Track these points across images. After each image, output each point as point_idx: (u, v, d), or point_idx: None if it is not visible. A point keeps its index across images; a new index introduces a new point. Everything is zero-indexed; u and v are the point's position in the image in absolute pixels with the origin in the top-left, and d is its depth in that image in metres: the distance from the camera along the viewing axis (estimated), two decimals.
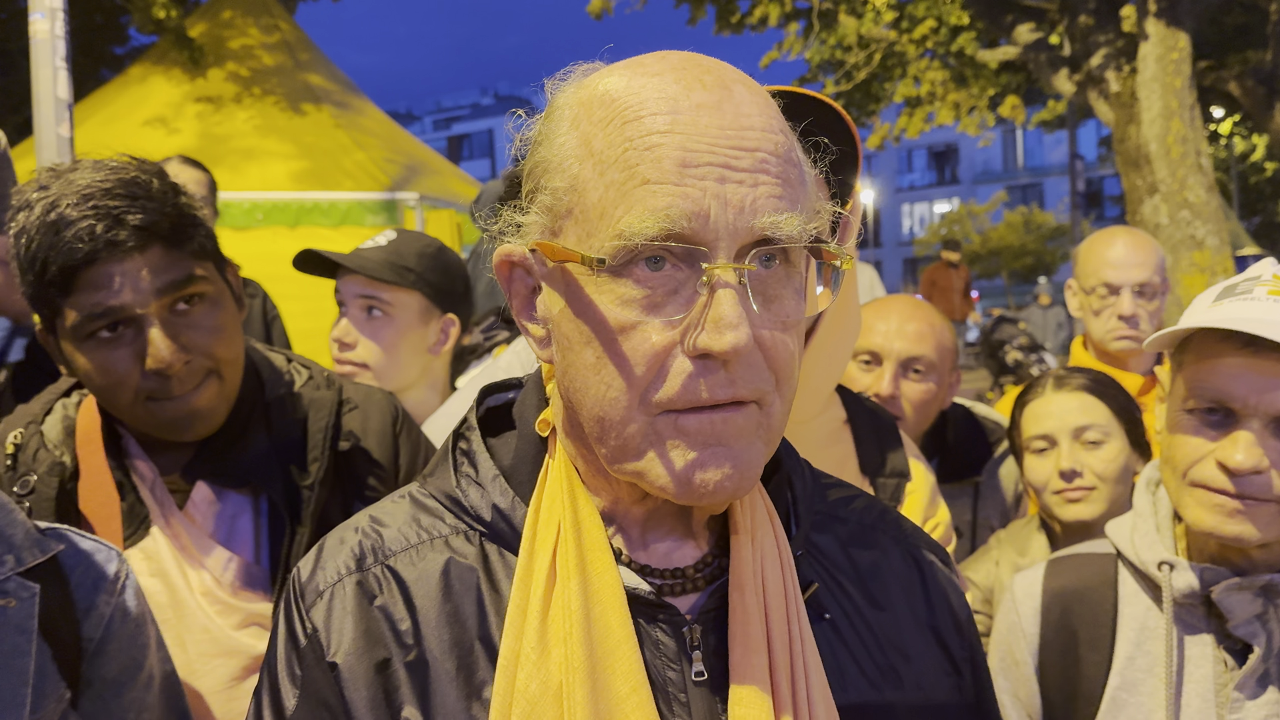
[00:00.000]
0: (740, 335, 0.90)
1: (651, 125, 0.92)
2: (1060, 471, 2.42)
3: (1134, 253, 3.09)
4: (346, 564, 1.07)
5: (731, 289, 0.91)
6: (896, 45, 12.74)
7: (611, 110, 0.95)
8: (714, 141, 0.92)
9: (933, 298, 15.97)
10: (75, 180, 1.57)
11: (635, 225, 0.91)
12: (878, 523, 1.22)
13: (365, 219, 8.09)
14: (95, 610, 1.44)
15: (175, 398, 1.63)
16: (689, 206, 0.90)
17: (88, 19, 15.74)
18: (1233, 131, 25.88)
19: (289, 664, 1.05)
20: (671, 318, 0.93)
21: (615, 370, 0.94)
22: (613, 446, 0.98)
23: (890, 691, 1.09)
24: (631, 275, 0.93)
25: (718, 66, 0.97)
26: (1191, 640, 1.65)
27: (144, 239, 1.58)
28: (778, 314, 0.96)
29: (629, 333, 0.93)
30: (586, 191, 0.95)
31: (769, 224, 0.92)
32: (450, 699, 1.00)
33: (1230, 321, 1.51)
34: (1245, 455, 1.52)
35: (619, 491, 1.05)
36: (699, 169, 0.91)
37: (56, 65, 4.96)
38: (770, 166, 0.93)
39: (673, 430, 0.94)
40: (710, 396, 0.93)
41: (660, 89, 0.94)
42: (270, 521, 1.75)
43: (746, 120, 0.94)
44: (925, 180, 65.76)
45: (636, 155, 0.92)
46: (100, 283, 1.56)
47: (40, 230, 1.55)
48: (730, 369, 0.93)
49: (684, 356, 0.93)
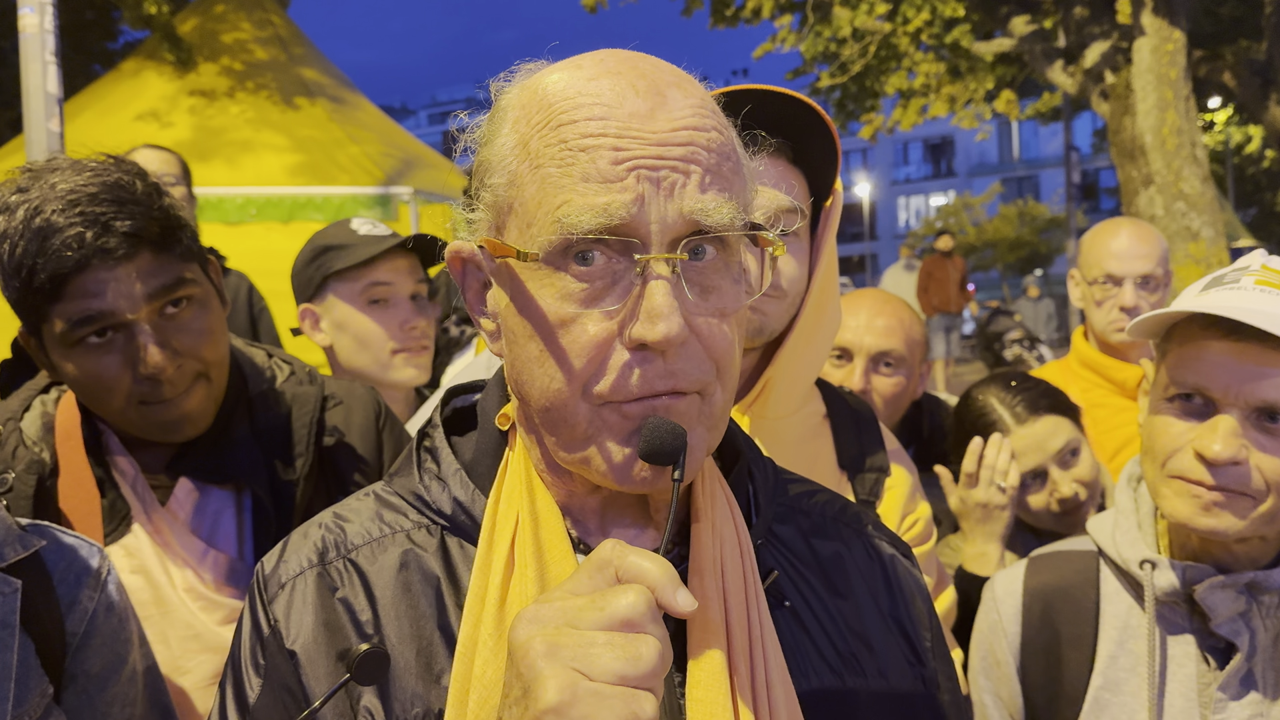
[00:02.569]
0: (672, 325, 0.92)
1: (585, 129, 0.95)
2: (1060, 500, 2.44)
3: (1138, 244, 3.08)
4: (309, 558, 1.09)
5: (664, 279, 0.94)
6: (891, 38, 12.72)
7: (548, 114, 0.98)
8: (646, 141, 0.95)
9: (929, 290, 15.97)
10: (57, 184, 1.55)
11: (573, 219, 0.93)
12: (839, 516, 1.24)
13: (360, 213, 8.06)
14: (78, 605, 1.44)
15: (166, 401, 1.63)
16: (624, 199, 0.93)
17: (78, 14, 15.69)
18: (1228, 123, 25.89)
19: (253, 654, 1.08)
20: (608, 309, 0.95)
21: (556, 363, 0.97)
22: (560, 437, 1.00)
23: (852, 678, 1.10)
24: (568, 269, 0.96)
25: (653, 70, 0.99)
26: (1174, 639, 1.64)
27: (133, 245, 1.57)
28: (715, 303, 0.98)
29: (568, 325, 0.96)
30: (524, 187, 0.98)
31: (698, 211, 0.94)
32: (409, 686, 1.02)
33: (1215, 308, 1.50)
34: (1223, 445, 1.51)
35: (574, 482, 1.06)
36: (631, 166, 0.94)
37: (46, 60, 4.93)
38: (701, 160, 0.96)
39: (616, 418, 0.97)
40: (650, 388, 0.95)
41: (595, 93, 0.97)
42: (254, 517, 1.75)
43: (679, 121, 0.96)
44: (921, 173, 65.77)
45: (571, 155, 0.95)
46: (90, 290, 1.56)
47: (25, 236, 1.53)
48: (668, 359, 0.95)
49: (623, 348, 0.95)
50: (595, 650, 0.79)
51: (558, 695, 0.77)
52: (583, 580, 0.85)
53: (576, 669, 0.78)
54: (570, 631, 0.80)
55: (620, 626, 0.80)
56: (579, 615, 0.81)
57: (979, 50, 12.49)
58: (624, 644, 0.80)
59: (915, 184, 65.43)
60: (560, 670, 0.78)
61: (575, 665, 0.79)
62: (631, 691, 0.79)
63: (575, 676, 0.78)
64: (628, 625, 0.80)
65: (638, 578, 0.83)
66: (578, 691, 0.77)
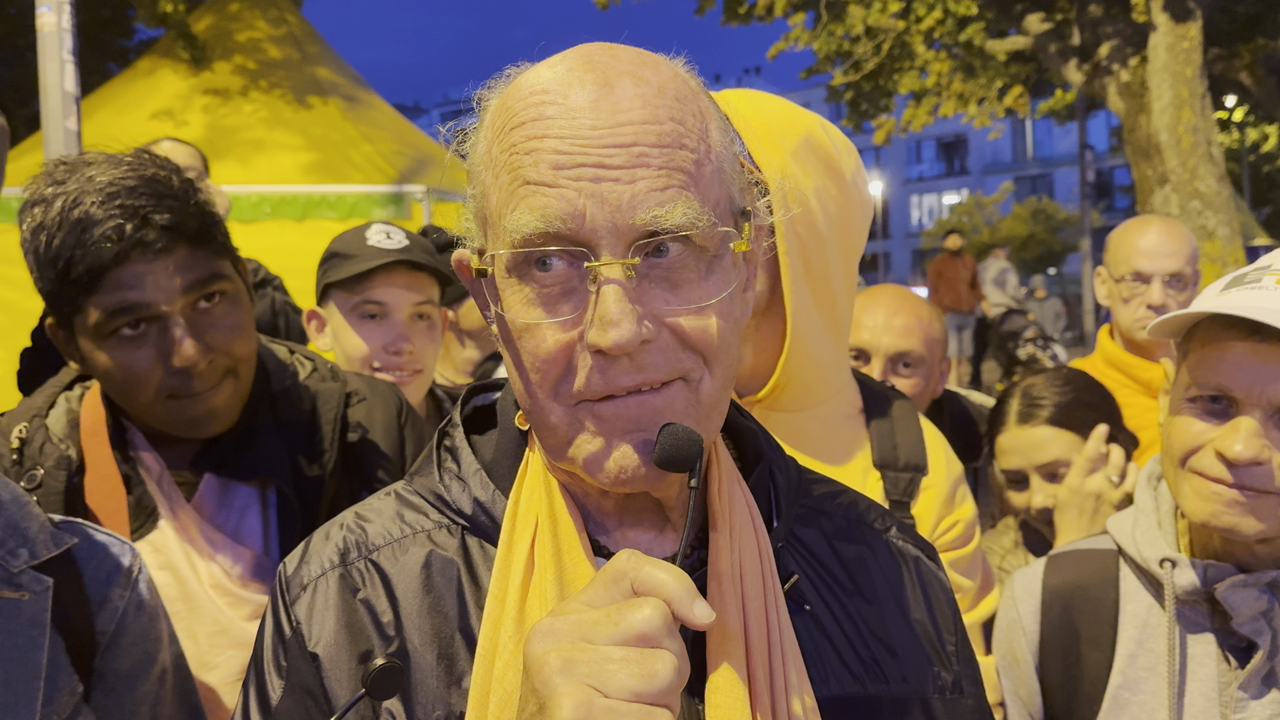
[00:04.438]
0: (624, 331, 0.91)
1: (531, 130, 0.94)
2: (1036, 509, 2.41)
3: (1167, 242, 3.05)
4: (330, 559, 1.09)
5: (615, 284, 0.92)
6: (905, 36, 12.69)
7: (504, 118, 0.98)
8: (587, 142, 0.93)
9: (940, 289, 15.94)
10: (95, 177, 1.57)
11: (515, 222, 0.94)
12: (863, 518, 1.22)
13: (373, 212, 8.08)
14: (109, 604, 1.44)
15: (195, 395, 1.64)
16: (564, 207, 0.92)
17: (95, 13, 15.76)
18: (1244, 121, 25.72)
19: (275, 656, 1.07)
20: (566, 317, 0.95)
21: (527, 368, 0.98)
22: (545, 441, 1.01)
23: (873, 684, 1.09)
24: (531, 277, 0.96)
25: (608, 62, 0.97)
26: (1194, 638, 1.64)
27: (171, 239, 1.58)
28: (687, 298, 0.96)
29: (532, 332, 0.96)
30: (490, 197, 0.99)
31: (651, 218, 0.92)
32: (430, 689, 1.02)
33: (1237, 309, 1.49)
34: (1245, 445, 1.50)
35: (586, 484, 1.05)
36: (573, 170, 0.92)
37: (64, 58, 4.96)
38: (651, 159, 0.93)
39: (591, 417, 0.96)
40: (616, 384, 0.94)
41: (542, 92, 0.96)
42: (279, 513, 1.76)
43: (624, 116, 0.94)
44: (934, 171, 65.55)
45: (519, 159, 0.95)
46: (127, 282, 1.57)
47: (63, 228, 1.54)
48: (634, 358, 0.94)
49: (587, 352, 0.95)
50: (611, 666, 0.78)
51: (573, 712, 0.76)
52: (599, 592, 0.84)
53: (592, 685, 0.77)
54: (585, 647, 0.79)
55: (636, 641, 0.79)
56: (594, 630, 0.80)
57: (992, 48, 12.44)
58: (640, 660, 0.78)
59: (928, 182, 65.21)
60: (575, 687, 0.77)
61: (590, 682, 0.78)
62: (647, 709, 0.78)
63: (590, 693, 0.77)
64: (643, 640, 0.79)
65: (654, 590, 0.81)
66: (593, 709, 0.77)
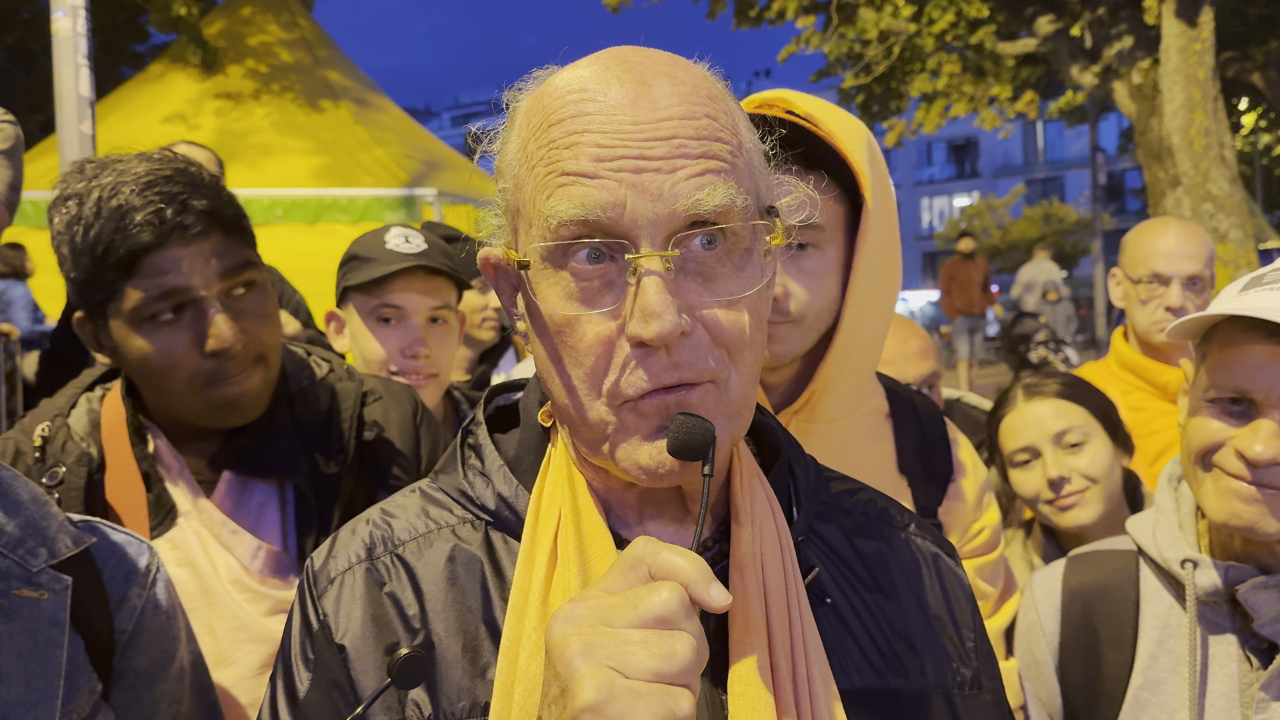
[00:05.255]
0: (665, 323, 0.92)
1: (571, 126, 0.96)
2: (1049, 481, 2.39)
3: (1186, 244, 3.02)
4: (357, 553, 1.11)
5: (656, 276, 0.93)
6: (916, 39, 12.68)
7: (541, 116, 1.00)
8: (628, 136, 0.95)
9: (951, 292, 15.91)
10: (130, 169, 1.62)
11: (552, 208, 0.95)
12: (881, 515, 1.23)
13: (384, 215, 8.12)
14: (127, 603, 1.45)
15: (230, 378, 1.66)
16: (605, 197, 0.94)
17: (108, 17, 15.85)
18: (1256, 124, 25.63)
19: (302, 648, 1.09)
20: (607, 309, 0.96)
21: (566, 363, 0.99)
22: (581, 436, 1.02)
23: (894, 678, 1.10)
24: (570, 270, 0.97)
25: (642, 62, 1.00)
26: (1215, 639, 1.63)
27: (208, 224, 1.63)
28: (720, 292, 0.98)
29: (572, 326, 0.97)
30: (524, 190, 1.00)
31: (691, 204, 0.94)
32: (456, 680, 1.03)
33: (1256, 310, 1.49)
34: (1265, 446, 1.50)
35: (610, 478, 1.07)
36: (614, 162, 0.94)
37: (78, 63, 5.00)
38: (689, 149, 0.95)
39: (631, 415, 0.97)
40: (657, 382, 0.95)
41: (580, 92, 0.98)
42: (297, 510, 1.78)
43: (663, 112, 0.96)
44: (945, 174, 65.44)
45: (557, 153, 0.96)
46: (166, 266, 1.60)
47: (101, 217, 1.58)
48: (672, 353, 0.95)
49: (626, 345, 0.96)
50: (630, 648, 0.79)
51: (595, 693, 0.78)
52: (616, 578, 0.85)
53: (613, 667, 0.79)
54: (605, 630, 0.81)
55: (654, 624, 0.81)
56: (614, 613, 0.81)
57: (1003, 50, 12.43)
58: (659, 641, 0.80)
59: (939, 185, 65.11)
60: (596, 668, 0.79)
61: (611, 663, 0.79)
62: (667, 688, 0.79)
63: (611, 674, 0.78)
64: (662, 622, 0.81)
65: (671, 574, 0.83)
66: (614, 689, 0.78)
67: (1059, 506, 2.39)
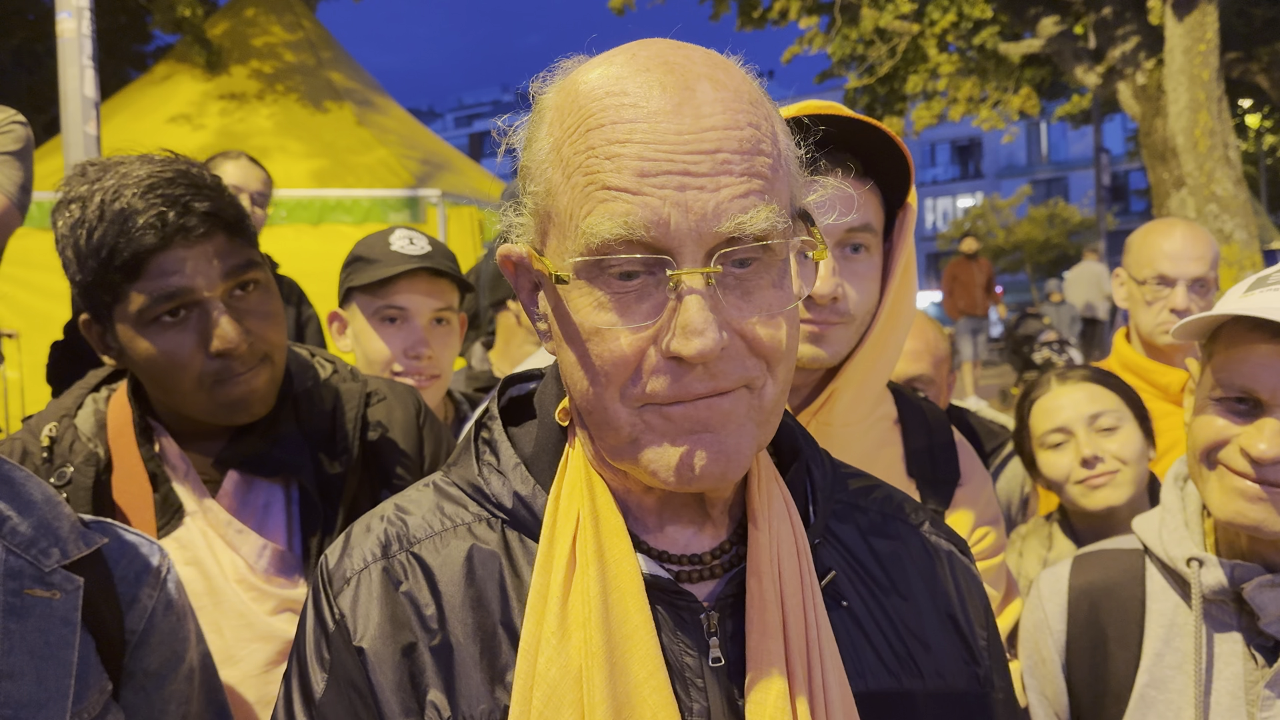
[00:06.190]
0: (707, 341, 0.91)
1: (612, 134, 0.94)
2: (1082, 459, 2.40)
3: (1192, 245, 3.01)
4: (372, 551, 1.10)
5: (698, 294, 0.92)
6: (919, 39, 12.67)
7: (577, 117, 0.97)
8: (672, 148, 0.93)
9: (954, 293, 15.91)
10: (132, 172, 1.63)
11: (595, 225, 0.93)
12: (897, 513, 1.23)
13: (387, 216, 8.12)
14: (138, 603, 1.45)
15: (236, 376, 1.68)
16: (648, 215, 0.92)
17: (112, 18, 15.88)
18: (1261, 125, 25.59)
19: (318, 648, 1.08)
20: (642, 323, 0.95)
21: (594, 370, 0.97)
22: (606, 440, 1.01)
23: (909, 680, 1.10)
24: (603, 281, 0.95)
25: (683, 63, 0.97)
26: (1221, 637, 1.63)
27: (211, 225, 1.65)
28: (759, 305, 0.97)
29: (602, 335, 0.96)
30: (558, 196, 0.98)
31: (734, 226, 0.93)
32: (474, 682, 1.02)
33: (1261, 310, 1.50)
34: (1269, 444, 1.51)
35: (629, 480, 1.07)
36: (657, 178, 0.92)
37: (83, 64, 5.00)
38: (733, 166, 0.93)
39: (659, 420, 0.97)
40: (689, 391, 0.95)
41: (622, 94, 0.95)
42: (302, 510, 1.79)
43: (707, 121, 0.94)
44: (948, 175, 65.36)
45: (598, 163, 0.94)
46: (170, 268, 1.62)
47: (105, 220, 1.59)
48: (708, 366, 0.94)
49: (659, 357, 0.95)
50: None
51: None
52: None
53: None
54: None
55: None
56: None
57: (1006, 50, 12.42)
58: None
59: (943, 185, 65.03)
60: None
61: None
62: None
63: None
64: None
65: None
66: None
67: (1090, 485, 2.40)
